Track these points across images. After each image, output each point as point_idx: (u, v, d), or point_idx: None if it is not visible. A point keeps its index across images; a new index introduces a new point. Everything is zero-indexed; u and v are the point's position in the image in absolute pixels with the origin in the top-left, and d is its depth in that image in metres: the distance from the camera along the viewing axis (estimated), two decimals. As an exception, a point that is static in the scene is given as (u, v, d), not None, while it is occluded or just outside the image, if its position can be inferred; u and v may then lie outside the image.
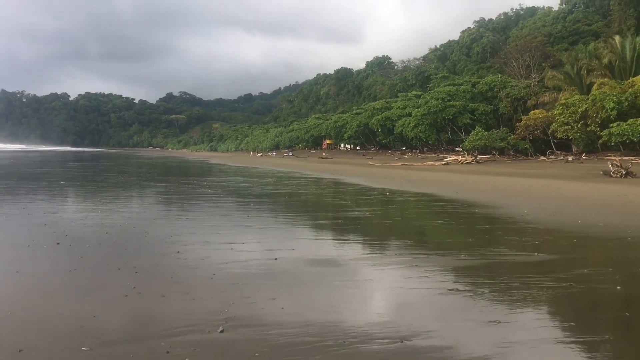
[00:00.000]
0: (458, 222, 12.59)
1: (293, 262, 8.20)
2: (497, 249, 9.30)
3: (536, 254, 8.74)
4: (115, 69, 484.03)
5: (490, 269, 7.83)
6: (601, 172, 23.55)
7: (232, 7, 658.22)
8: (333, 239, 10.72)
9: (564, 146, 45.85)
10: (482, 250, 9.20)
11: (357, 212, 14.34)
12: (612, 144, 34.17)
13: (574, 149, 45.99)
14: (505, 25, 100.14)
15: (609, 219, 12.32)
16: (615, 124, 33.30)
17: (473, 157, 42.22)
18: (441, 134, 59.49)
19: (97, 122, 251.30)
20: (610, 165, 22.90)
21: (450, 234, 11.25)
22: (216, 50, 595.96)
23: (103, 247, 9.37)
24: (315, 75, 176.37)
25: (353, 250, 9.53)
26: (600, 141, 35.24)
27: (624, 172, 21.57)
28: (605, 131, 33.88)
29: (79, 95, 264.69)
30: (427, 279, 7.22)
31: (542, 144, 47.57)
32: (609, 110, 34.35)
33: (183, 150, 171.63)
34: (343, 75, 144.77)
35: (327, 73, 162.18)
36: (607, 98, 34.73)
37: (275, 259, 8.37)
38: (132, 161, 70.37)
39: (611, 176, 21.96)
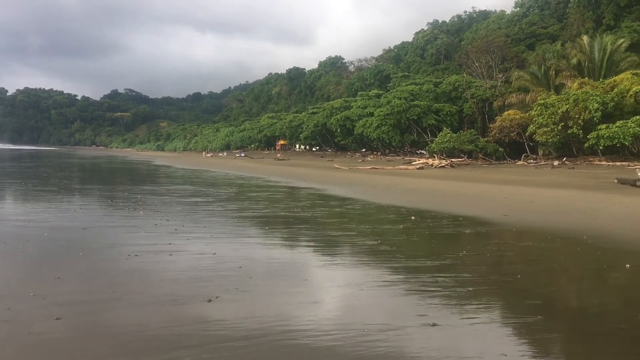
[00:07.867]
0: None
1: None
2: None
3: None
4: (58, 65, 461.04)
5: None
6: (616, 180, 20.87)
7: (183, 4, 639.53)
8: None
9: (533, 150, 43.94)
10: None
11: (420, 273, 8.06)
12: (601, 147, 31.90)
13: (540, 152, 44.07)
14: (459, 28, 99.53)
15: None
16: (604, 126, 30.94)
17: (447, 161, 39.45)
18: (405, 136, 56.81)
19: (36, 118, 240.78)
20: (639, 173, 20.09)
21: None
22: (165, 48, 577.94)
23: None
24: (266, 75, 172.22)
25: None
26: (586, 145, 32.94)
27: (655, 181, 18.64)
28: (593, 134, 31.48)
29: (17, 90, 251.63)
30: None
31: (507, 147, 45.45)
32: (592, 112, 32.17)
33: (128, 149, 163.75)
34: (295, 75, 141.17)
35: (279, 73, 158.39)
36: (591, 98, 32.56)
37: None
38: (61, 161, 62.53)
39: (637, 186, 18.99)
